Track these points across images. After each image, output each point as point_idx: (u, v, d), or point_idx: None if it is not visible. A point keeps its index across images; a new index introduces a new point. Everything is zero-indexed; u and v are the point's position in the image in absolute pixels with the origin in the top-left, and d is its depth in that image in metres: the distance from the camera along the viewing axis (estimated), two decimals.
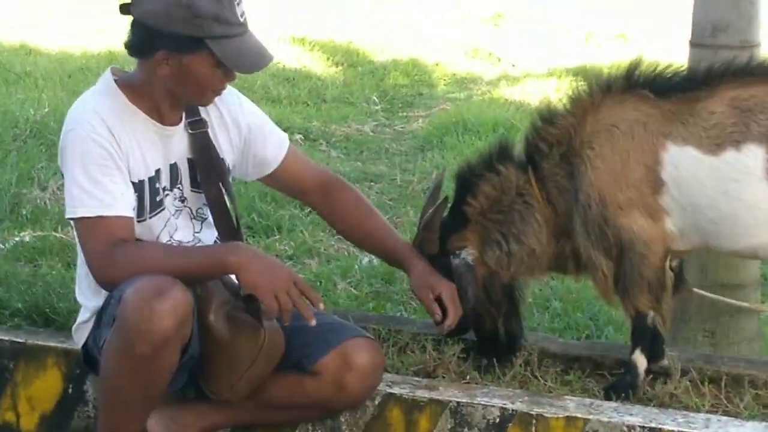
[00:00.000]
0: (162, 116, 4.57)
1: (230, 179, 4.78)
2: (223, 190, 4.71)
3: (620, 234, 4.74)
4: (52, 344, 5.18)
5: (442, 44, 12.90)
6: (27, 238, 6.88)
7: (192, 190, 4.70)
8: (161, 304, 4.19)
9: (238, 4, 4.41)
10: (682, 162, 4.68)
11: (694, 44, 5.57)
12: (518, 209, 4.86)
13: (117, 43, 11.83)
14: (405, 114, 10.67)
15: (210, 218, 4.73)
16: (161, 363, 4.30)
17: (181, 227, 4.69)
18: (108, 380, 4.41)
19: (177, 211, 4.70)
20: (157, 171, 4.59)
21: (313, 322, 4.36)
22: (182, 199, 4.70)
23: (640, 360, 4.87)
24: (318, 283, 6.21)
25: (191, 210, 4.73)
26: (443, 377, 5.01)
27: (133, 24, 4.43)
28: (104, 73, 4.63)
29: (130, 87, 4.54)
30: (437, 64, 12.25)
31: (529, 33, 13.51)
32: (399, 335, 5.25)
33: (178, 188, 4.68)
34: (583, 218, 4.76)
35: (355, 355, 4.62)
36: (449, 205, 4.97)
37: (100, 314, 4.54)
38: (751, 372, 4.97)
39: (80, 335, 4.71)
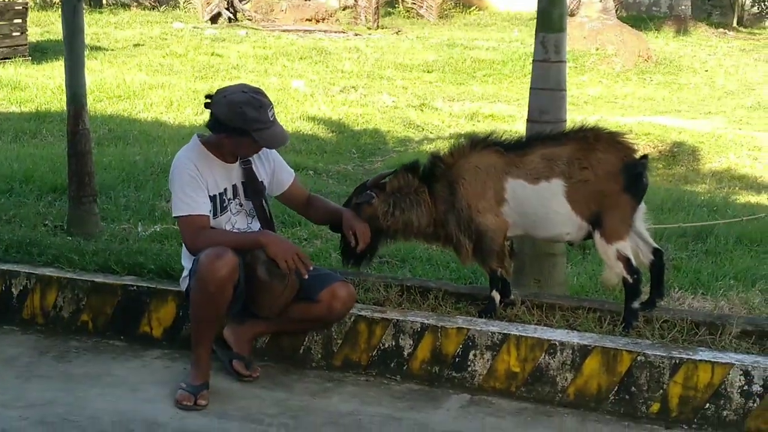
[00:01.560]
0: (226, 158, 4.74)
1: (266, 193, 4.93)
2: (263, 200, 4.87)
3: (479, 227, 4.81)
4: (170, 288, 5.25)
5: (391, 120, 12.84)
6: (158, 229, 6.81)
7: (245, 199, 4.82)
8: (220, 262, 4.41)
9: (269, 110, 4.60)
10: (517, 188, 4.77)
11: (529, 121, 5.61)
12: (413, 199, 4.90)
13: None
14: (371, 159, 10.72)
15: (256, 215, 4.83)
16: (222, 296, 4.48)
17: (240, 221, 4.81)
18: (193, 308, 4.60)
19: (238, 211, 4.80)
20: (225, 189, 4.75)
21: (306, 276, 4.55)
22: (240, 205, 4.82)
23: (496, 296, 5.01)
24: (320, 254, 6.19)
25: (246, 210, 4.84)
26: (388, 306, 5.00)
27: (210, 114, 4.65)
28: (193, 136, 4.81)
29: (208, 144, 4.72)
30: (388, 131, 12.23)
31: (438, 114, 13.49)
32: (365, 282, 5.25)
33: (237, 199, 4.80)
34: (457, 217, 4.85)
35: (339, 291, 4.77)
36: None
37: (189, 273, 4.72)
38: (560, 302, 5.08)
39: (183, 284, 4.86)
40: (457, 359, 4.70)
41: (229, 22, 23.88)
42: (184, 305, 5.08)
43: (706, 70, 19.68)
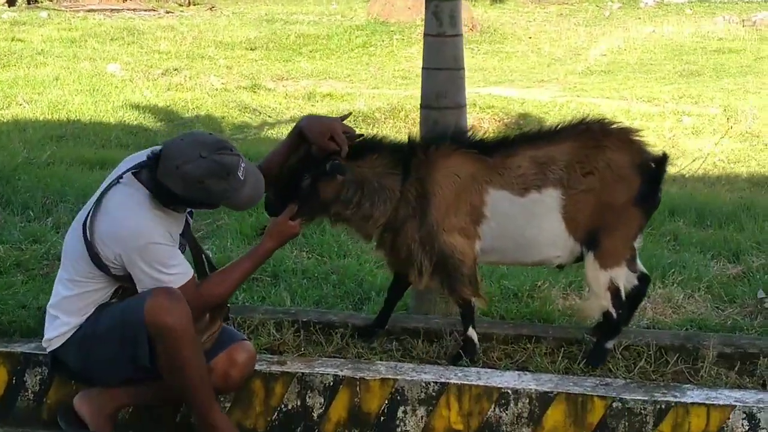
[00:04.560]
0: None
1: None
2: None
3: (443, 247, 3.78)
4: None
5: (223, 104, 11.53)
6: None
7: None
8: (179, 302, 3.33)
9: (240, 169, 3.39)
10: (499, 202, 3.78)
11: (424, 107, 4.66)
12: (381, 188, 3.78)
13: (17, 114, 10.38)
14: None
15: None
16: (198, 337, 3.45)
17: None
18: (183, 372, 3.40)
19: None
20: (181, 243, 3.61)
21: None
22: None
23: (473, 334, 3.91)
24: None
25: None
26: (286, 353, 3.87)
27: (160, 185, 3.39)
28: (126, 177, 3.47)
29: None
30: (223, 117, 11.04)
31: (273, 95, 12.31)
32: (251, 320, 4.11)
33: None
34: (418, 229, 3.79)
35: (237, 354, 3.62)
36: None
37: (83, 333, 3.48)
38: (494, 330, 4.07)
39: (53, 344, 3.55)
40: (382, 419, 3.65)
41: (29, 4, 21.88)
42: (18, 370, 3.86)
43: (530, 37, 19.19)
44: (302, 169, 3.74)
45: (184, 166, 3.32)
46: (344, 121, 3.88)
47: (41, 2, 22.24)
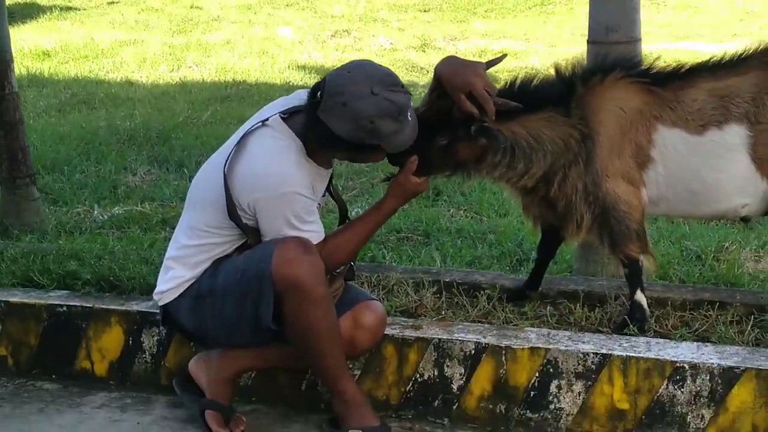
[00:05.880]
0: (324, 165, 3.16)
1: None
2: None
3: (606, 196, 3.22)
4: (114, 307, 3.64)
5: (391, 63, 11.11)
6: (119, 211, 5.47)
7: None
8: (312, 256, 2.96)
9: (410, 108, 3.00)
10: (671, 142, 3.21)
11: (591, 42, 4.12)
12: (538, 141, 3.23)
13: (185, 77, 10.40)
14: None
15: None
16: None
17: None
18: (315, 334, 2.99)
19: None
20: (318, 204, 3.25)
21: None
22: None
23: (642, 299, 3.32)
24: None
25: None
26: (424, 316, 3.35)
27: (318, 123, 2.95)
28: (274, 120, 3.08)
29: (308, 148, 3.07)
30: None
31: (442, 54, 11.74)
32: (386, 280, 3.63)
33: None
34: (580, 175, 3.22)
35: (364, 316, 3.18)
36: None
37: (199, 288, 3.12)
38: (670, 295, 3.48)
39: (165, 297, 3.19)
40: (532, 393, 3.14)
41: None
42: (134, 330, 3.53)
43: None
44: (438, 125, 3.19)
45: (354, 103, 2.90)
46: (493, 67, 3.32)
47: None
